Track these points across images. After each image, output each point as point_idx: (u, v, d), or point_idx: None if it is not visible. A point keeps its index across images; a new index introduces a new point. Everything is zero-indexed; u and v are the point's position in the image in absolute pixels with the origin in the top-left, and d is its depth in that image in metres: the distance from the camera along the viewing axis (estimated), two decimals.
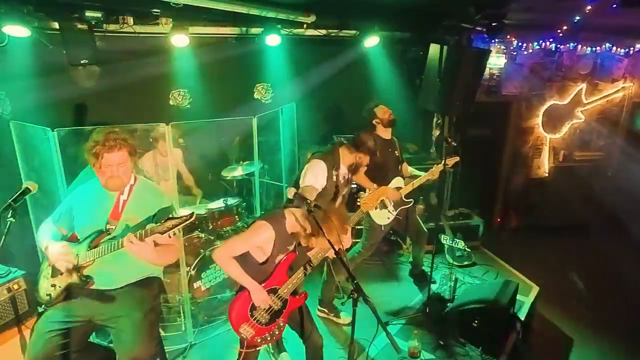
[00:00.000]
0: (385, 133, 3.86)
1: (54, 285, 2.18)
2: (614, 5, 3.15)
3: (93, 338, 2.97)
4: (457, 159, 3.97)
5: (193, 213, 1.97)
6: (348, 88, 5.06)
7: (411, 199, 3.96)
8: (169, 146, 3.15)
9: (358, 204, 3.06)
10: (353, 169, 3.19)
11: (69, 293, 2.20)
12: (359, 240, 3.96)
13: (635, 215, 5.33)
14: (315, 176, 2.96)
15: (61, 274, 2.16)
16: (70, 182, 2.79)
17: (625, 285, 4.49)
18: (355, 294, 1.87)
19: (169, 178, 3.51)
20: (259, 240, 2.32)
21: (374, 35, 4.65)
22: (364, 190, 3.98)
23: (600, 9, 3.33)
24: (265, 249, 2.34)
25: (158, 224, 2.00)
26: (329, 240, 2.04)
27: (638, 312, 4.11)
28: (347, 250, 2.62)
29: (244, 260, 2.35)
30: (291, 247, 2.41)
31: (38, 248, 2.63)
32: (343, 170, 3.19)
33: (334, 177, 3.08)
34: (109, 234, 2.16)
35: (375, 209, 3.67)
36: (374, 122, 3.82)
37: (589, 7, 3.36)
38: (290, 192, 2.33)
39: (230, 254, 2.33)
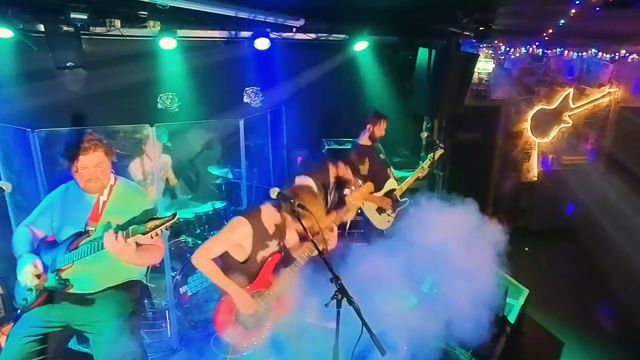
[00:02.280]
0: (367, 141, 4.00)
1: (31, 290, 2.11)
2: (597, 9, 3.20)
3: (75, 345, 2.89)
4: (441, 151, 4.05)
5: (175, 213, 1.93)
6: (337, 92, 5.06)
7: (406, 199, 4.04)
8: (154, 148, 3.10)
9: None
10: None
11: (46, 297, 2.13)
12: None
13: (621, 218, 5.37)
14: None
15: (38, 277, 2.09)
16: (51, 184, 2.73)
17: (614, 288, 4.50)
18: (340, 295, 1.83)
19: (155, 183, 3.47)
20: (236, 236, 2.28)
21: (363, 40, 4.67)
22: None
23: (585, 13, 3.39)
24: (245, 246, 2.29)
25: (140, 225, 1.94)
26: (312, 241, 2.01)
27: (627, 315, 4.11)
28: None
29: (226, 263, 2.31)
30: (272, 244, 2.37)
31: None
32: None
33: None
34: (89, 235, 2.11)
35: (359, 209, 3.73)
36: (367, 126, 3.96)
37: (573, 11, 3.42)
38: (273, 192, 2.29)
39: (208, 256, 2.28)
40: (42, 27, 3.66)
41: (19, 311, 2.20)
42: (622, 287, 4.46)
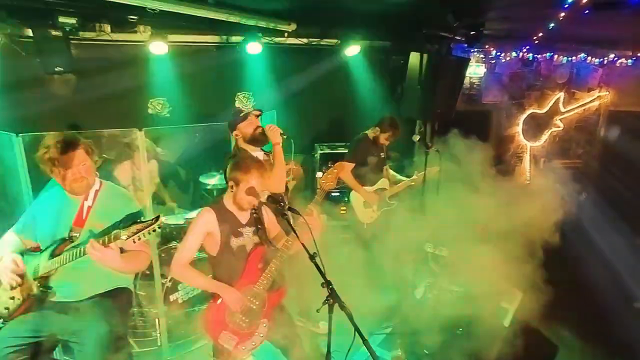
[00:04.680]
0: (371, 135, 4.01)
1: (12, 298, 2.05)
2: (586, 12, 3.24)
3: (60, 355, 2.81)
4: (437, 168, 4.06)
5: (158, 216, 1.88)
6: (329, 97, 5.06)
7: (394, 202, 4.08)
8: (142, 154, 3.05)
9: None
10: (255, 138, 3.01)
11: (29, 306, 2.07)
12: None
13: (616, 220, 5.39)
14: None
15: (19, 285, 2.03)
16: (37, 190, 2.67)
17: (609, 293, 4.49)
18: (331, 300, 1.79)
19: (144, 188, 3.41)
20: (201, 225, 2.27)
21: (355, 44, 4.68)
22: (347, 191, 4.07)
23: (574, 16, 3.43)
24: (214, 234, 2.28)
25: (122, 229, 1.89)
26: (302, 244, 1.97)
27: (622, 320, 4.10)
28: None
29: (209, 266, 2.27)
30: (248, 232, 2.35)
31: None
32: (259, 154, 3.06)
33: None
34: (72, 241, 2.05)
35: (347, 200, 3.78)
36: (375, 128, 3.99)
37: (563, 14, 3.46)
38: (263, 195, 2.27)
39: (183, 261, 2.25)
40: (30, 32, 3.61)
41: (0, 321, 2.13)
42: (616, 292, 4.46)
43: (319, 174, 2.72)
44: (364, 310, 3.83)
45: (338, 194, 4.71)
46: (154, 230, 1.87)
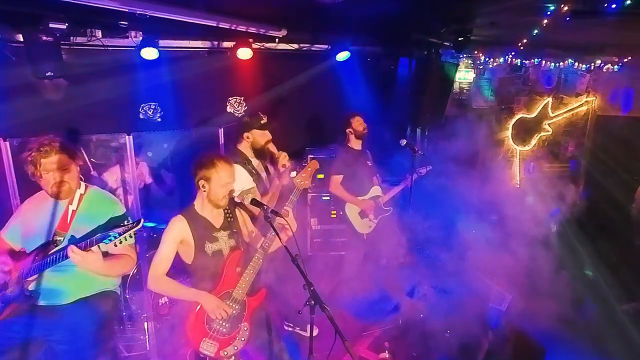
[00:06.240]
0: (356, 144, 3.97)
1: None
2: (567, 19, 3.33)
3: (46, 358, 2.81)
4: (429, 167, 4.12)
5: (140, 220, 1.90)
6: (320, 101, 5.10)
7: (390, 207, 4.09)
8: (131, 158, 3.07)
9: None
10: (263, 152, 3.10)
11: (14, 309, 2.07)
12: None
13: (605, 223, 5.45)
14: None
15: (5, 289, 2.04)
16: (24, 194, 2.68)
17: (596, 294, 4.54)
18: (313, 302, 1.82)
19: (132, 192, 3.43)
20: (173, 234, 2.25)
21: (346, 50, 4.73)
22: (333, 201, 4.11)
23: (557, 23, 3.52)
24: (188, 242, 2.26)
25: (103, 233, 1.90)
26: (285, 247, 2.00)
27: (610, 321, 4.15)
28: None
29: (187, 276, 2.28)
30: (222, 236, 2.34)
31: None
32: (255, 162, 3.16)
33: (254, 172, 3.07)
34: (57, 245, 2.06)
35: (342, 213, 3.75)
36: (347, 130, 3.95)
37: (546, 21, 3.56)
38: (247, 198, 2.29)
39: (159, 272, 2.23)
40: (20, 37, 3.63)
41: None
42: (604, 293, 4.50)
43: (293, 174, 2.71)
44: (354, 312, 3.91)
45: (328, 197, 4.75)
46: (136, 234, 1.88)
